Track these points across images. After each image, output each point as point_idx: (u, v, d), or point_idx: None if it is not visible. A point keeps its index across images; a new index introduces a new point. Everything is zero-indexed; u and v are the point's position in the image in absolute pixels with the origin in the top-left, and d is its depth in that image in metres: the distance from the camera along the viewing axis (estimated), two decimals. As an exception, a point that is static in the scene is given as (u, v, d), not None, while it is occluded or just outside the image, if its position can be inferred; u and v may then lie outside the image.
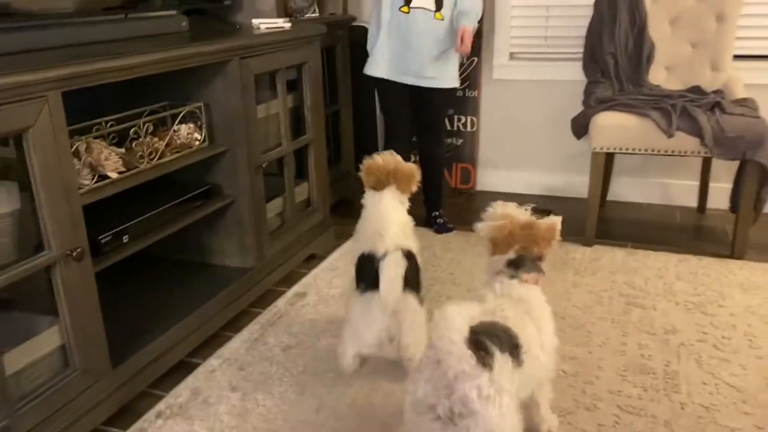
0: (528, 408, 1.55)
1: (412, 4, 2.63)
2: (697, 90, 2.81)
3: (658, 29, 2.94)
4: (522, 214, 1.59)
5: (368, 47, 2.78)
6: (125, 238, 1.80)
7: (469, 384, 1.17)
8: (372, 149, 3.46)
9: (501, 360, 1.23)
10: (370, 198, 1.94)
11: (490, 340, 1.24)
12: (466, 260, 2.67)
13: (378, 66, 2.72)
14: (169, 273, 2.27)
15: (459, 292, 2.39)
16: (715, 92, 2.77)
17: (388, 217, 1.86)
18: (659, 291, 2.37)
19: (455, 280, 2.49)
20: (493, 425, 1.18)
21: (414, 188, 1.97)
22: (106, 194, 1.69)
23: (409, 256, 1.76)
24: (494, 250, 1.58)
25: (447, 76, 2.77)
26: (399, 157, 1.96)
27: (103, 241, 1.72)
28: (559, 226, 1.56)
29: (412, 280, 1.76)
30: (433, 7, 2.65)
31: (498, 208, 1.62)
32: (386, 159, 1.94)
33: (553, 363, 1.50)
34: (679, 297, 2.32)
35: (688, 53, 2.93)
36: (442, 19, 2.66)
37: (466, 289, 2.41)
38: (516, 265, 1.52)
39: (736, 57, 2.93)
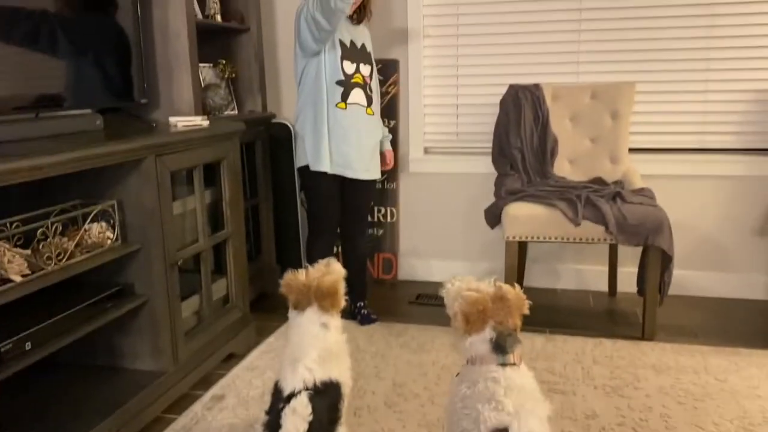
0: None
1: (348, 100, 2.73)
2: (599, 181, 3.00)
3: (559, 125, 3.15)
4: (487, 286, 1.51)
5: (304, 144, 2.78)
6: (27, 345, 1.69)
7: None
8: (293, 242, 3.51)
9: None
10: (292, 318, 1.75)
11: None
12: (390, 353, 2.65)
13: (322, 161, 2.73)
14: (75, 379, 2.13)
15: (384, 387, 2.36)
16: (616, 183, 2.96)
17: (305, 344, 1.67)
18: (578, 376, 2.42)
19: (380, 374, 2.46)
20: None
21: (341, 305, 1.76)
22: (9, 299, 1.59)
23: (326, 388, 1.59)
24: (468, 328, 1.49)
25: (378, 168, 2.92)
26: (328, 270, 1.77)
27: (2, 349, 1.60)
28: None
29: (323, 423, 1.56)
30: (365, 102, 2.78)
31: (457, 283, 1.53)
32: (309, 275, 1.74)
33: None
34: (597, 381, 2.37)
35: (589, 147, 3.15)
36: (373, 114, 2.81)
37: (391, 383, 2.38)
38: (500, 347, 1.46)
39: (632, 150, 3.17)
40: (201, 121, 2.44)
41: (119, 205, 2.06)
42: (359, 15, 2.82)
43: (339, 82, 2.71)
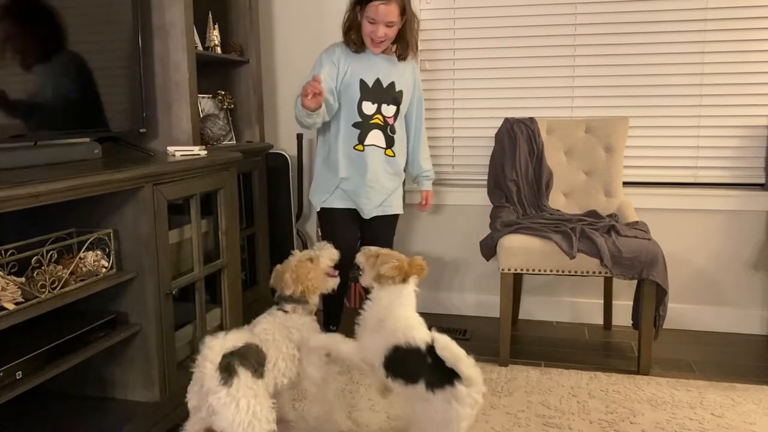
0: None
1: (365, 142, 2.73)
2: (593, 214, 3.01)
3: (554, 158, 3.18)
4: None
5: (322, 182, 2.82)
6: (18, 374, 1.67)
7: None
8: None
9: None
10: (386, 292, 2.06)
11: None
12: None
13: (338, 198, 2.78)
14: (66, 409, 2.10)
15: (378, 420, 2.33)
16: (610, 216, 2.98)
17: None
18: (574, 410, 2.40)
19: (374, 407, 2.43)
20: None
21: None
22: (1, 327, 1.58)
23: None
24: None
25: (398, 204, 2.91)
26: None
27: (-8, 378, 1.59)
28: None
29: None
30: (384, 144, 2.77)
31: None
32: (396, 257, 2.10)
33: None
34: (592, 415, 2.35)
35: (583, 180, 3.17)
36: (394, 156, 2.80)
37: (385, 416, 2.36)
38: None
39: (626, 184, 3.20)
40: (199, 151, 2.46)
41: (115, 233, 2.06)
42: (403, 52, 2.76)
43: (356, 125, 2.72)
